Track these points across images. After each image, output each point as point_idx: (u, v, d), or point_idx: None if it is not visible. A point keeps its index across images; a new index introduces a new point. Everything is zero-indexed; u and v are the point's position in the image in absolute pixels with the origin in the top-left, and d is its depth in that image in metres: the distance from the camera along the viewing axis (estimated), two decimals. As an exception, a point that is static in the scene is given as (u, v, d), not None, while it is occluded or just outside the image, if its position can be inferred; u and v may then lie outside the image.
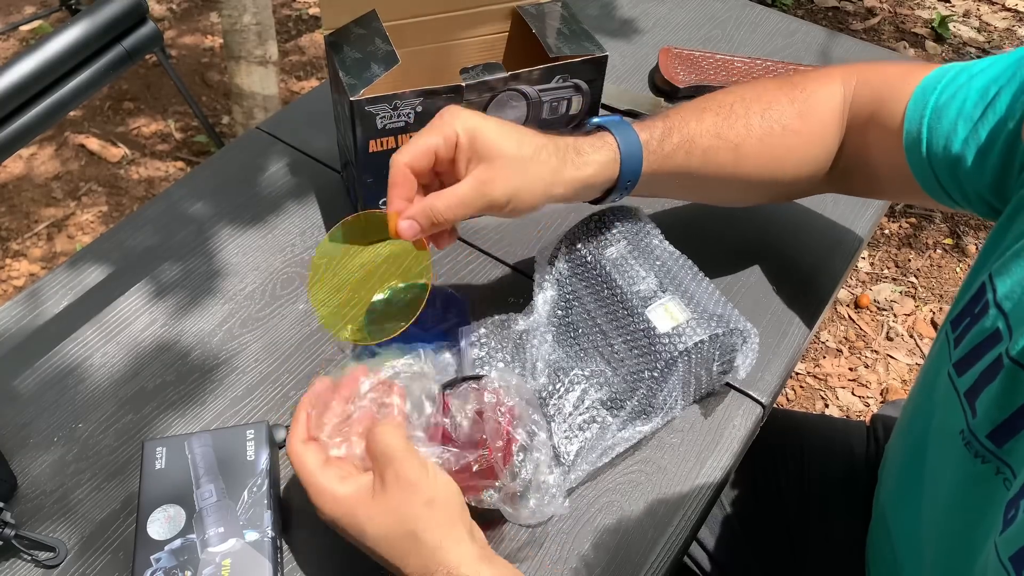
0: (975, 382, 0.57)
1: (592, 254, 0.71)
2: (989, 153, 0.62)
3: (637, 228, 0.72)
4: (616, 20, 1.14)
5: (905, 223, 2.13)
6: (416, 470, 0.54)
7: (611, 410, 0.68)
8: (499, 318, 0.73)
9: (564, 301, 0.72)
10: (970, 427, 0.57)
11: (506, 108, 0.79)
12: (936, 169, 0.66)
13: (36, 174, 2.13)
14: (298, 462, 0.57)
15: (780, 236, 0.87)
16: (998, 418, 0.54)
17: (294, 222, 0.87)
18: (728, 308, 0.67)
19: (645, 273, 0.68)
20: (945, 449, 0.61)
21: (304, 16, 2.68)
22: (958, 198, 0.67)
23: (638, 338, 0.66)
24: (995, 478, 0.54)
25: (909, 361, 1.84)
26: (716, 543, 0.88)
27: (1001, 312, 0.56)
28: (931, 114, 0.66)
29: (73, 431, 0.69)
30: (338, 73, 0.74)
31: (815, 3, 2.80)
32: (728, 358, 0.68)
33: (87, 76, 0.61)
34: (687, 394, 0.69)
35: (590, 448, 0.65)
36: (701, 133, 0.70)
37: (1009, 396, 0.54)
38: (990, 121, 0.62)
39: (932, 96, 0.66)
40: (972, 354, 0.58)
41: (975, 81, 0.64)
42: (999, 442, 0.54)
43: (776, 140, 0.71)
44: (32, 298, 0.79)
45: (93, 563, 0.62)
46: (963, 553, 0.57)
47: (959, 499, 0.59)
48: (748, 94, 0.73)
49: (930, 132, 0.66)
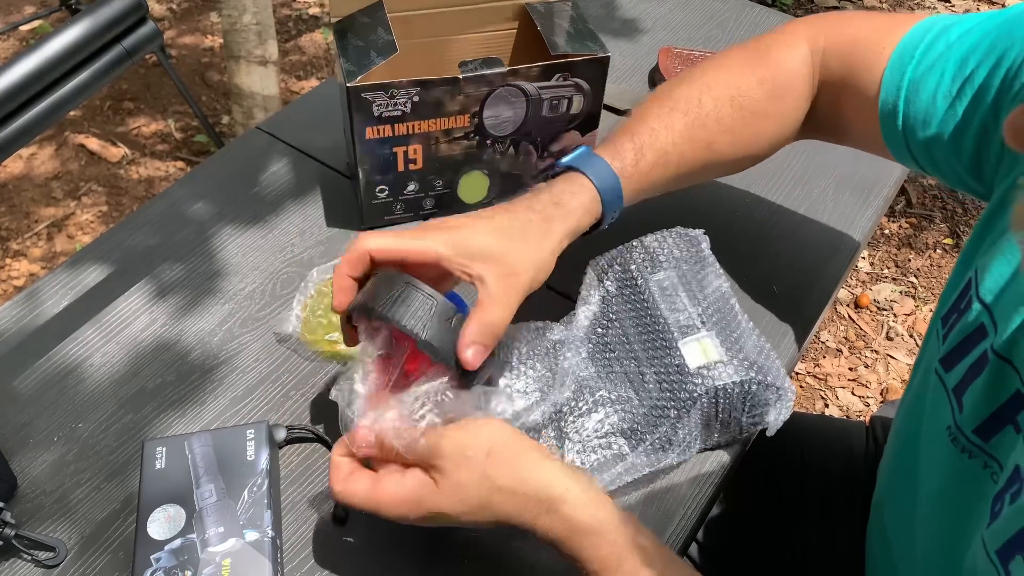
0: (962, 378, 0.57)
1: (642, 276, 0.69)
2: (966, 131, 0.61)
3: (694, 257, 0.70)
4: (616, 20, 1.14)
5: (905, 223, 2.14)
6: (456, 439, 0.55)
7: (629, 440, 0.66)
8: (535, 324, 0.72)
9: (606, 320, 0.70)
10: (957, 423, 0.57)
11: (505, 104, 0.79)
12: (911, 143, 0.66)
13: (36, 174, 2.13)
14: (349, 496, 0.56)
15: (780, 236, 0.87)
16: (984, 413, 0.54)
17: (294, 222, 0.87)
18: (771, 360, 0.65)
19: (690, 304, 0.66)
20: (934, 446, 0.60)
21: (304, 16, 2.68)
22: (928, 168, 0.67)
23: (670, 372, 0.64)
24: (983, 472, 0.54)
25: (909, 361, 1.84)
26: (716, 543, 0.88)
27: (985, 307, 0.56)
28: (908, 87, 0.64)
29: (73, 431, 0.69)
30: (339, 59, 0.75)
31: (815, 3, 2.80)
32: (759, 411, 0.65)
33: (87, 76, 0.61)
34: (708, 438, 0.67)
35: (599, 470, 0.64)
36: (673, 141, 0.68)
37: (995, 391, 0.53)
38: (966, 97, 0.61)
39: (909, 66, 0.64)
40: (958, 349, 0.58)
41: (953, 52, 0.62)
42: (986, 437, 0.54)
43: (748, 127, 0.71)
44: (32, 298, 0.79)
45: (93, 563, 0.62)
46: (953, 548, 0.57)
47: (948, 495, 0.59)
48: (714, 81, 0.71)
49: (907, 106, 0.64)
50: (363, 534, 0.64)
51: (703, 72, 0.72)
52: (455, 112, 0.78)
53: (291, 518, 0.64)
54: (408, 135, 0.78)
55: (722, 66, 0.72)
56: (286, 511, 0.65)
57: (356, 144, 0.77)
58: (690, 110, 0.69)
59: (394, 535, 0.64)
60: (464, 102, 0.77)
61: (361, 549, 0.63)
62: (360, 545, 0.63)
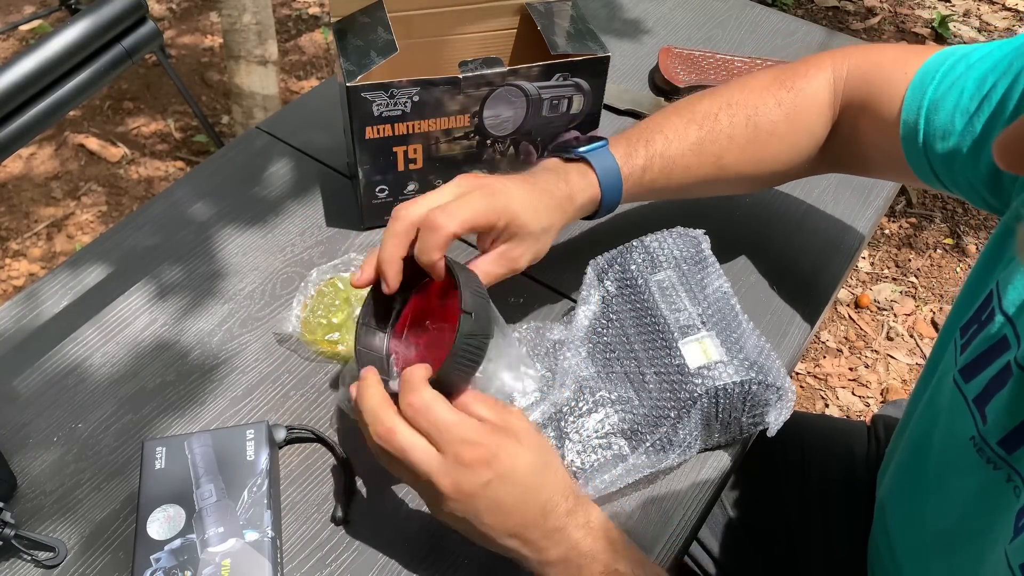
0: (984, 389, 0.57)
1: (643, 276, 0.69)
2: (983, 146, 0.62)
3: (694, 257, 0.70)
4: (616, 19, 1.14)
5: (905, 223, 2.13)
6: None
7: (629, 440, 0.66)
8: (535, 324, 0.72)
9: (606, 320, 0.70)
10: (981, 433, 0.57)
11: (505, 104, 0.79)
12: (932, 159, 0.67)
13: (36, 174, 2.13)
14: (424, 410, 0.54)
15: (780, 236, 0.87)
16: (1009, 425, 0.54)
17: (294, 222, 0.87)
18: (771, 361, 0.64)
19: (691, 304, 0.66)
20: (954, 455, 0.60)
21: (304, 16, 2.68)
22: (950, 185, 0.68)
23: (670, 372, 0.64)
24: (1006, 485, 0.55)
25: (909, 361, 1.84)
26: (717, 544, 0.88)
27: (1008, 319, 0.56)
28: (928, 106, 0.65)
29: (73, 431, 0.69)
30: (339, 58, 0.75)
31: (815, 3, 2.80)
32: (759, 411, 0.65)
33: (87, 76, 0.61)
34: (709, 438, 0.67)
35: (599, 471, 0.64)
36: (683, 153, 0.71)
37: (1019, 403, 0.54)
38: (985, 114, 0.62)
39: (930, 87, 0.66)
40: (979, 360, 0.58)
41: (972, 72, 0.64)
42: (1010, 449, 0.54)
43: (760, 145, 0.72)
44: (32, 298, 0.79)
45: (93, 563, 0.62)
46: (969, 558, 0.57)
47: (969, 505, 0.59)
48: (735, 98, 0.73)
49: (927, 124, 0.66)
50: (363, 534, 0.64)
51: (727, 89, 0.74)
52: (455, 112, 0.78)
53: (291, 518, 0.64)
54: (408, 135, 0.78)
55: (746, 86, 0.74)
56: (286, 511, 0.65)
57: (356, 144, 0.77)
58: (705, 124, 0.72)
59: (394, 535, 0.64)
60: (464, 102, 0.77)
61: (361, 549, 0.63)
62: (360, 545, 0.63)
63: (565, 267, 0.78)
